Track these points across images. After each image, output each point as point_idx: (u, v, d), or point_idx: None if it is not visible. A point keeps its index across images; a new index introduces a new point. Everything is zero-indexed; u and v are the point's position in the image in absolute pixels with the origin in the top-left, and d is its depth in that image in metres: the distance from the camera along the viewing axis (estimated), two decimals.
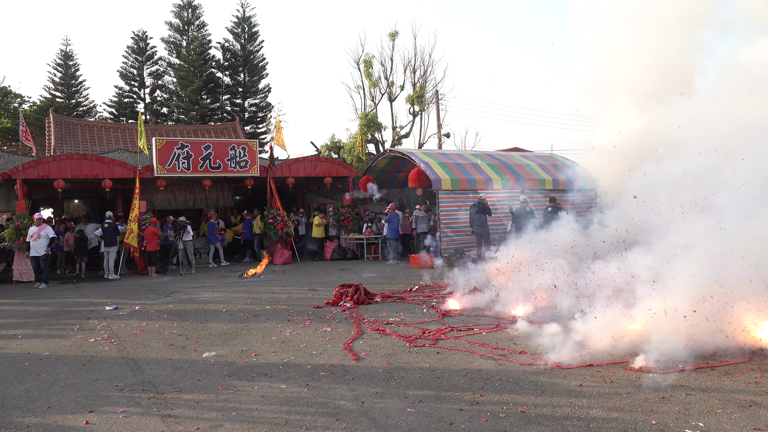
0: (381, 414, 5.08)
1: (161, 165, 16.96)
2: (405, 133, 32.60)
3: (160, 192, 18.40)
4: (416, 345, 7.38)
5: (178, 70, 37.62)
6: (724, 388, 5.36)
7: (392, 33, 32.00)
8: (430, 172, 16.62)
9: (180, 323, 9.32)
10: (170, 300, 11.67)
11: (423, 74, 32.18)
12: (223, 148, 17.98)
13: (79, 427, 5.04)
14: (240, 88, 39.50)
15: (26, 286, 14.68)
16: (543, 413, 4.94)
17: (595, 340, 6.56)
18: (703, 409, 4.91)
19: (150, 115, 37.80)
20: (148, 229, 15.83)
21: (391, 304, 10.33)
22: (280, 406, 5.36)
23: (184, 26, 39.21)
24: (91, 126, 27.59)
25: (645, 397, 5.21)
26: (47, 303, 11.83)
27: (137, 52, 39.24)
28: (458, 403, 5.29)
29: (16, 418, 5.29)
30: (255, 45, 39.79)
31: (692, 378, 5.67)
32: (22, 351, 7.78)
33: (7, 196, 18.55)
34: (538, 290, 8.86)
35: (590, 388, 5.49)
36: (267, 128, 41.04)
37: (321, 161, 20.71)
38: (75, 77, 39.54)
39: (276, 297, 11.58)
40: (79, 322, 9.69)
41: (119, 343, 8.05)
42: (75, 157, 16.85)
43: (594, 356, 6.34)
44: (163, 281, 14.75)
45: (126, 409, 5.41)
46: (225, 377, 6.31)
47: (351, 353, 7.07)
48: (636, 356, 6.12)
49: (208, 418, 5.14)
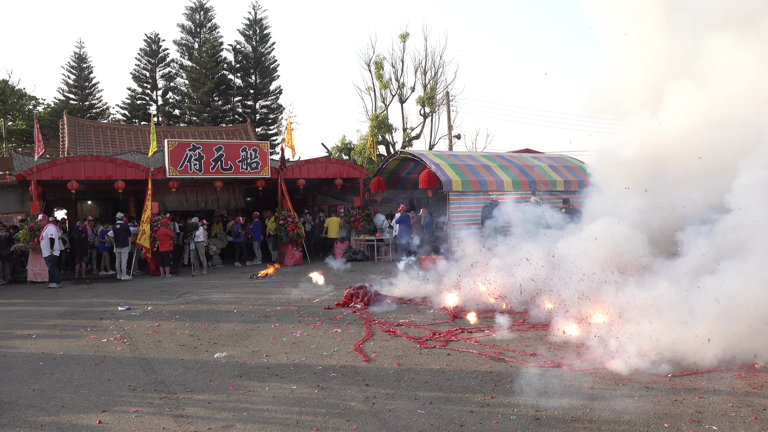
0: (391, 415, 5.08)
1: (173, 166, 17.07)
2: (416, 134, 32.60)
3: (172, 193, 18.52)
4: (427, 346, 7.37)
5: (190, 72, 37.87)
6: (738, 392, 5.32)
7: (403, 34, 32.01)
8: (441, 174, 16.60)
9: (192, 324, 9.37)
10: (182, 301, 11.74)
11: (434, 75, 32.17)
12: (234, 149, 18.07)
13: (92, 427, 5.08)
14: (251, 89, 39.68)
15: (40, 286, 14.83)
16: (554, 416, 4.92)
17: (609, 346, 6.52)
18: (716, 412, 4.87)
19: (162, 116, 38.10)
20: (161, 230, 15.94)
21: (401, 305, 10.32)
22: (291, 407, 5.37)
23: (196, 29, 39.48)
24: (104, 128, 27.83)
25: (657, 400, 5.18)
26: (61, 303, 11.94)
27: (150, 54, 39.56)
28: (469, 404, 5.28)
29: (31, 416, 5.35)
30: (266, 47, 39.97)
31: (705, 381, 5.62)
32: (37, 351, 7.87)
33: (22, 198, 18.74)
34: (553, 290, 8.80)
35: (602, 391, 5.46)
36: (278, 130, 41.22)
37: (332, 163, 20.74)
38: (89, 79, 39.93)
39: (287, 298, 11.61)
40: (92, 322, 9.77)
41: (131, 344, 8.12)
42: (88, 158, 17.00)
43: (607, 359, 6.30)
44: (174, 282, 14.85)
45: (138, 409, 5.45)
46: (236, 378, 6.34)
47: (361, 354, 7.08)
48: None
49: (219, 418, 5.17)
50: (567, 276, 8.22)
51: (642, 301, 6.85)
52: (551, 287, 8.46)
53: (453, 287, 10.04)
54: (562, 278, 8.29)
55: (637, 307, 6.85)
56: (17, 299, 12.77)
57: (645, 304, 6.76)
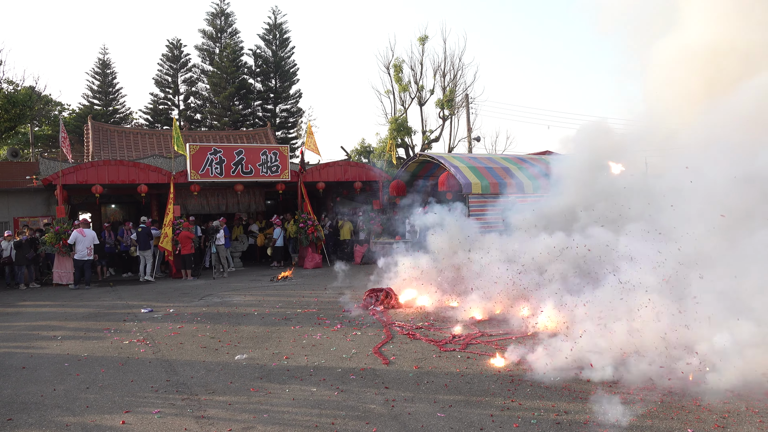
0: (411, 418, 5.07)
1: (195, 170, 17.27)
2: (435, 137, 32.56)
3: (193, 197, 18.73)
4: (446, 349, 7.35)
5: (211, 77, 38.28)
6: (765, 408, 5.20)
7: (422, 37, 32.01)
8: (460, 177, 16.55)
9: (213, 326, 9.46)
10: (203, 303, 11.86)
11: (453, 78, 32.11)
12: (254, 153, 18.22)
13: (116, 427, 5.16)
14: (271, 93, 39.98)
15: (66, 288, 15.09)
16: (576, 420, 4.88)
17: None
18: (742, 420, 4.78)
19: (184, 121, 38.54)
20: (182, 233, 16.12)
21: (420, 308, 10.30)
22: (311, 409, 5.40)
23: (217, 34, 39.91)
24: (128, 132, 28.25)
25: (681, 405, 5.10)
26: (85, 305, 12.14)
27: (172, 59, 40.08)
28: (489, 408, 5.25)
29: (56, 417, 5.45)
30: (286, 51, 40.26)
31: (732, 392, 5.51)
32: (62, 352, 8.01)
33: (47, 201, 19.13)
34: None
35: (624, 396, 5.39)
36: (298, 133, 41.45)
37: (351, 166, 20.79)
38: (112, 85, 40.58)
39: (307, 301, 11.67)
40: (116, 324, 9.92)
41: (154, 345, 8.22)
42: (112, 163, 17.29)
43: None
44: (196, 284, 15.00)
45: (161, 410, 5.52)
46: (256, 380, 6.39)
47: (381, 357, 7.08)
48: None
49: (240, 419, 5.21)
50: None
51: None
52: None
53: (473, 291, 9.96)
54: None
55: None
56: (43, 301, 13.02)
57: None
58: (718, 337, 5.72)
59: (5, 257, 15.77)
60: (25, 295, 13.94)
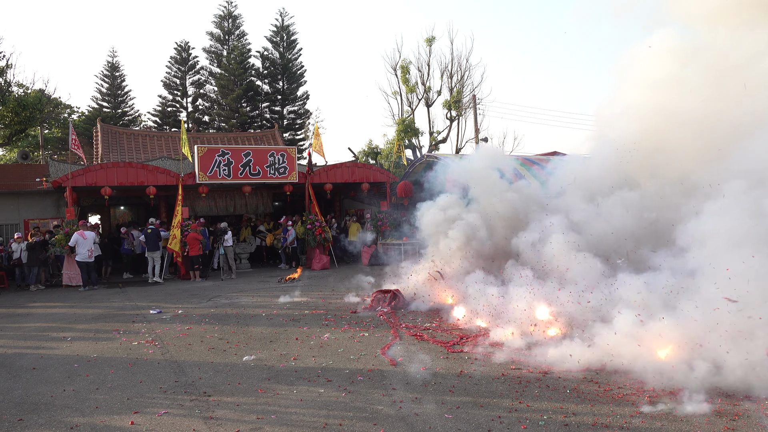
0: (418, 419, 5.07)
1: (203, 172, 17.35)
2: (442, 138, 32.58)
3: (201, 198, 18.82)
4: (454, 351, 7.34)
5: (219, 79, 38.44)
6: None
7: (429, 38, 32.04)
8: None
9: (221, 327, 9.50)
10: (211, 304, 11.91)
11: (460, 79, 32.13)
12: (262, 155, 18.28)
13: (124, 428, 5.19)
14: (279, 95, 40.08)
15: (76, 290, 15.20)
16: (584, 422, 4.86)
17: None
18: (752, 424, 4.75)
19: (192, 123, 38.73)
20: (190, 234, 16.20)
21: (428, 309, 10.29)
22: (319, 410, 5.41)
23: (224, 36, 40.07)
24: (136, 135, 28.40)
25: (691, 409, 5.06)
26: (95, 306, 12.22)
27: (180, 62, 40.27)
28: (496, 409, 5.24)
29: (66, 417, 5.48)
30: (293, 53, 40.35)
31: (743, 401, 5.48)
32: (71, 353, 8.07)
33: (57, 203, 19.27)
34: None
35: (633, 398, 5.37)
36: (305, 135, 41.53)
37: (358, 167, 20.83)
38: (121, 88, 40.81)
39: (314, 302, 11.69)
40: (125, 325, 9.97)
41: (163, 346, 8.26)
42: (121, 165, 17.41)
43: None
44: (204, 286, 15.06)
45: (169, 411, 5.54)
46: (264, 381, 6.41)
47: (388, 358, 7.08)
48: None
49: (248, 420, 5.22)
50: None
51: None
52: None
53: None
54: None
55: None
56: (53, 302, 13.11)
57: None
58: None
59: (15, 259, 15.93)
60: (35, 297, 14.05)
